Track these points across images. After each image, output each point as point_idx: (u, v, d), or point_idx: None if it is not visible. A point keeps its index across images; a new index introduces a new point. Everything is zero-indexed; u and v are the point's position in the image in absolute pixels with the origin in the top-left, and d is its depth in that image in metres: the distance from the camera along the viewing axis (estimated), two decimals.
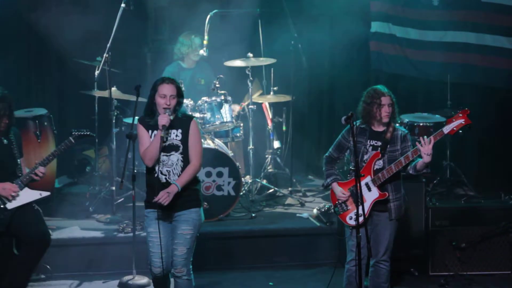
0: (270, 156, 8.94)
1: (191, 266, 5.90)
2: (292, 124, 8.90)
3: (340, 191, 6.17)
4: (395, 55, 9.24)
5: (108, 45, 7.81)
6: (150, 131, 5.86)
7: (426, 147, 5.86)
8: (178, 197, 5.78)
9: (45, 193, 6.47)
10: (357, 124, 6.14)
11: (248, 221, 7.85)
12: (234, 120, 8.21)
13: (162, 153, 5.79)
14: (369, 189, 6.09)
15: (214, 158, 7.79)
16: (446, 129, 5.96)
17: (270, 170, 8.90)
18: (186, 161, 5.84)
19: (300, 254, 7.61)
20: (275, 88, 8.84)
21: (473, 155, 9.11)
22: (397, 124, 6.20)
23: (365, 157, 6.11)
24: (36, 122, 8.05)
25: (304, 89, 9.53)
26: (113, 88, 8.06)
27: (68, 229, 7.58)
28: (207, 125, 8.07)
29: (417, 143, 5.93)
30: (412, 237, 7.29)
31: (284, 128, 9.06)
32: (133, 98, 6.57)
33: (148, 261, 5.94)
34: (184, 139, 5.83)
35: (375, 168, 6.08)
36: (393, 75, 9.32)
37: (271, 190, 8.60)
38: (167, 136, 5.79)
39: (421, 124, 8.34)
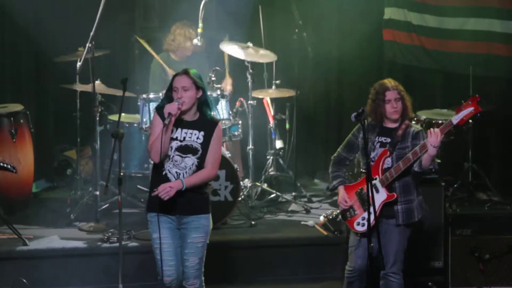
0: (271, 157, 8.93)
1: (203, 278, 5.96)
2: (296, 121, 8.90)
3: (343, 198, 6.21)
4: (411, 44, 9.25)
5: (92, 33, 7.78)
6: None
7: (434, 137, 5.85)
8: (186, 201, 5.80)
9: None
10: (368, 121, 6.15)
11: (248, 230, 7.85)
12: (231, 117, 8.20)
13: (176, 153, 5.81)
14: (377, 191, 6.12)
15: None
16: (455, 119, 5.98)
17: (271, 173, 8.90)
18: (200, 166, 5.84)
19: (305, 266, 7.61)
20: (277, 82, 8.84)
21: (498, 156, 9.11)
22: (414, 122, 6.22)
23: (372, 154, 6.13)
24: (11, 120, 8.06)
25: (310, 82, 9.53)
26: (97, 82, 8.05)
27: (46, 239, 7.57)
28: None
29: (425, 134, 5.94)
30: (430, 248, 7.29)
31: (287, 126, 9.06)
32: (119, 92, 6.56)
33: (157, 270, 5.93)
34: (205, 143, 5.83)
35: (384, 167, 6.10)
36: (408, 67, 9.33)
37: (272, 195, 8.61)
38: (175, 130, 5.78)
39: (440, 121, 8.33)
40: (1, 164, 7.09)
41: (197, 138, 5.84)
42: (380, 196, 6.10)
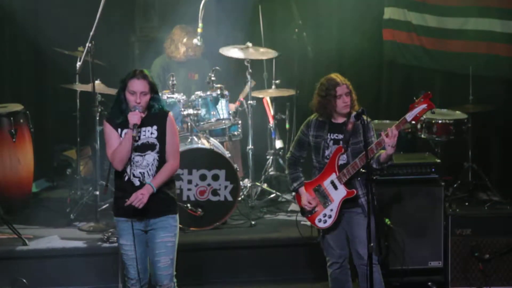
0: (271, 157, 8.94)
1: (175, 280, 5.95)
2: (296, 121, 8.90)
3: (307, 199, 6.29)
4: (411, 44, 9.25)
5: (91, 33, 7.79)
6: (119, 130, 5.85)
7: (391, 139, 5.94)
8: (151, 201, 5.78)
9: None
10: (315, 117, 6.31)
11: (247, 230, 7.85)
12: (231, 117, 8.20)
13: (136, 153, 5.80)
14: (335, 188, 6.21)
15: (209, 159, 7.79)
16: (409, 116, 6.06)
17: (271, 173, 8.90)
18: (162, 161, 5.84)
19: (305, 266, 7.61)
20: (277, 82, 8.85)
21: (498, 156, 9.12)
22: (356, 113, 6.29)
23: (327, 152, 6.25)
24: (11, 119, 8.06)
25: (310, 82, 9.48)
26: (97, 82, 8.05)
27: (46, 239, 7.59)
28: (202, 123, 8.06)
29: (382, 133, 6.00)
30: (430, 247, 7.30)
31: (287, 126, 9.06)
32: None
33: (125, 272, 5.99)
34: (161, 137, 5.83)
35: (339, 164, 6.20)
36: (408, 67, 9.33)
37: (272, 195, 8.61)
38: (139, 135, 5.78)
39: (439, 121, 8.34)
40: None
41: (151, 133, 5.83)
42: (340, 193, 6.20)
